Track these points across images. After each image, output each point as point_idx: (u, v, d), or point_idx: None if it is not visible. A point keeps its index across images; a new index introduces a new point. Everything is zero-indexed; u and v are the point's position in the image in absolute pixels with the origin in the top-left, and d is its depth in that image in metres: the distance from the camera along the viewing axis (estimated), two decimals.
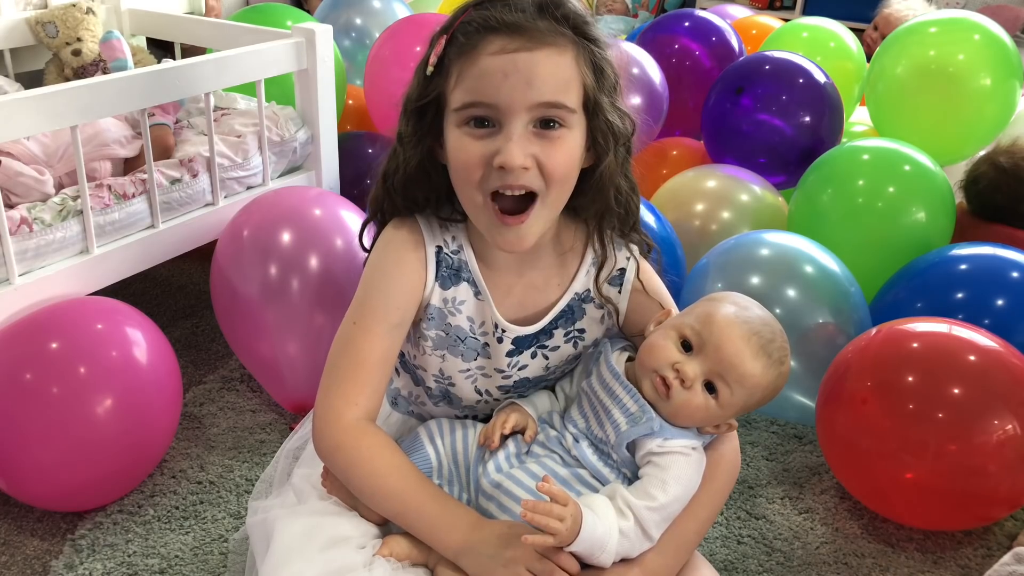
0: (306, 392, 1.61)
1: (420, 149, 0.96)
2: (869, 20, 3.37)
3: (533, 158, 0.89)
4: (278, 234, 1.59)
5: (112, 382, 1.37)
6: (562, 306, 1.03)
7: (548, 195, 0.92)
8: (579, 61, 0.91)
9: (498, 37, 0.88)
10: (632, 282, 1.05)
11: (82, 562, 1.34)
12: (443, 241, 1.01)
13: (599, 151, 0.96)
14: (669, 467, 0.93)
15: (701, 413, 0.94)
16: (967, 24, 2.20)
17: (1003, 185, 2.01)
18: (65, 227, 1.49)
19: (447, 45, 0.92)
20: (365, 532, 0.96)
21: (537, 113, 0.89)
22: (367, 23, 2.55)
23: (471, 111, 0.90)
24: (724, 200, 2.05)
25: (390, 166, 1.00)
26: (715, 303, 0.98)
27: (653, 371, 0.95)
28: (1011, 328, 1.54)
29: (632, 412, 0.95)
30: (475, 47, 0.89)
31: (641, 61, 2.24)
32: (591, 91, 0.92)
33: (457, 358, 1.03)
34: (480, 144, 0.90)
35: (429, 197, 1.00)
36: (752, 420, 1.77)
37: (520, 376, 1.05)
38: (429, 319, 1.01)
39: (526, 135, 0.89)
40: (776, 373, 0.96)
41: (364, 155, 2.18)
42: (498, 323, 1.01)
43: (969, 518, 1.44)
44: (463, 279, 1.01)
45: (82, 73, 2.04)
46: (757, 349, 0.94)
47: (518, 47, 0.87)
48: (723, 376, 0.94)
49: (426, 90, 0.94)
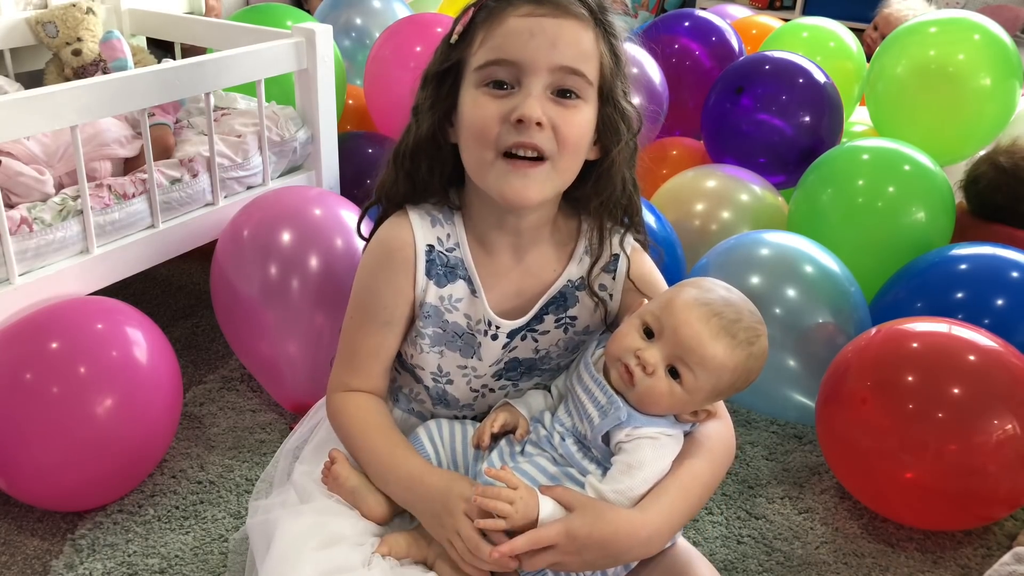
0: (306, 392, 1.61)
1: (433, 116, 0.98)
2: (869, 20, 3.37)
3: (549, 120, 0.91)
4: (278, 234, 1.59)
5: (112, 382, 1.37)
6: (553, 292, 1.05)
7: (559, 161, 0.94)
8: (599, 41, 0.95)
9: (526, 3, 0.92)
10: (625, 272, 1.06)
11: (82, 562, 1.34)
12: (436, 239, 1.02)
13: (608, 141, 0.98)
14: (634, 451, 0.93)
15: (667, 399, 0.94)
16: (967, 24, 2.20)
17: (1003, 185, 2.01)
18: (65, 227, 1.49)
19: (474, 15, 0.95)
20: (364, 531, 0.96)
21: (557, 77, 0.92)
22: (367, 23, 2.55)
23: (492, 69, 0.92)
24: (724, 200, 2.05)
25: (401, 144, 1.03)
26: (679, 288, 0.98)
27: (617, 359, 0.95)
28: (1011, 328, 1.54)
29: (602, 404, 0.95)
30: (503, 11, 0.93)
31: (641, 61, 2.24)
32: (608, 73, 0.96)
33: (455, 353, 1.04)
34: (498, 103, 0.92)
35: (433, 171, 1.02)
36: (752, 420, 1.77)
37: (510, 356, 1.06)
38: (426, 317, 1.02)
39: (544, 97, 0.92)
40: (744, 354, 0.94)
41: (364, 155, 2.18)
42: (491, 320, 1.03)
43: (969, 518, 1.44)
44: (459, 276, 1.02)
45: (82, 73, 2.04)
46: (717, 330, 0.93)
47: (545, 12, 0.92)
48: (683, 359, 0.93)
49: (448, 56, 0.97)
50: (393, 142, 1.06)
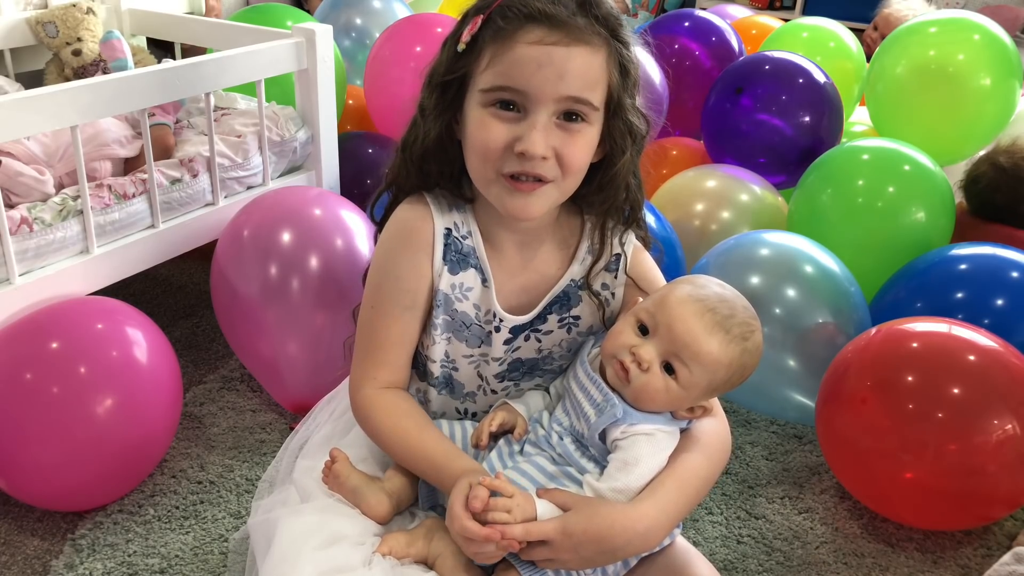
0: (306, 392, 1.61)
1: (440, 122, 0.98)
2: (869, 20, 3.37)
3: (553, 150, 0.92)
4: (278, 234, 1.59)
5: (112, 382, 1.37)
6: (557, 291, 1.05)
7: (562, 183, 0.95)
8: (609, 62, 0.94)
9: (537, 27, 0.90)
10: (627, 271, 1.06)
11: (82, 562, 1.34)
12: (453, 224, 1.02)
13: (614, 149, 0.98)
14: (630, 448, 0.93)
15: (662, 396, 0.94)
16: (967, 24, 2.20)
17: (1003, 185, 2.02)
18: (65, 227, 1.49)
19: (483, 25, 0.93)
20: (365, 530, 0.96)
21: (563, 106, 0.92)
22: (367, 23, 2.55)
23: (499, 94, 0.92)
24: (724, 200, 2.05)
25: (409, 136, 1.02)
26: (672, 285, 0.98)
27: (612, 356, 0.96)
28: (1011, 328, 1.54)
29: (598, 402, 0.96)
30: (513, 33, 0.91)
31: (641, 61, 2.23)
32: (615, 91, 0.96)
33: (462, 343, 1.05)
34: (504, 127, 0.92)
35: (443, 171, 1.02)
36: (752, 420, 1.77)
37: (514, 357, 1.06)
38: (437, 305, 1.02)
39: (549, 125, 0.92)
40: (739, 349, 0.95)
41: (364, 155, 2.18)
42: (496, 312, 1.03)
43: (969, 518, 1.44)
44: (471, 265, 1.03)
45: (82, 73, 2.04)
46: (712, 325, 0.93)
47: (556, 40, 0.90)
48: (678, 355, 0.93)
49: (454, 66, 0.96)
50: (394, 142, 1.06)
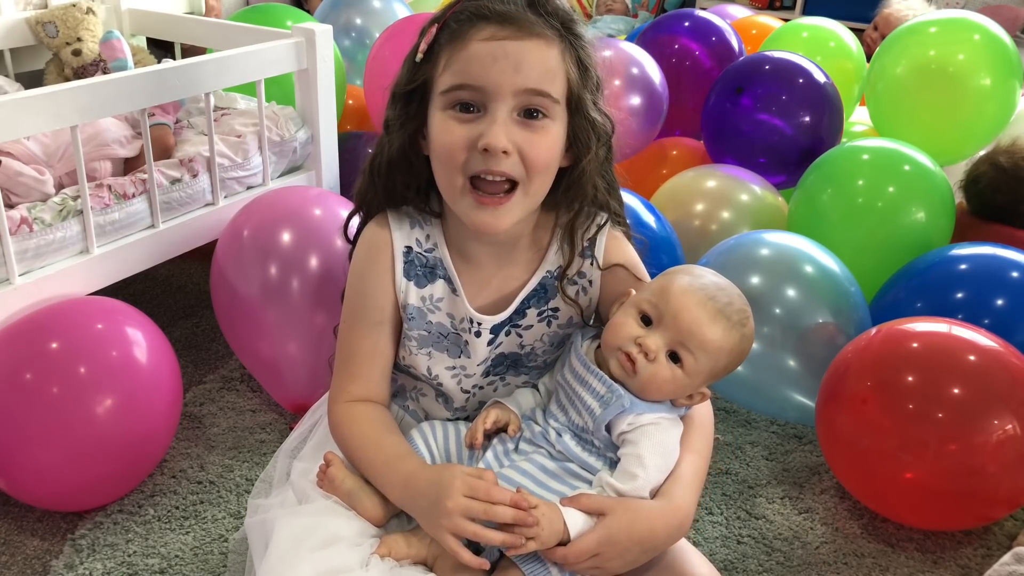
0: (306, 392, 1.61)
1: (404, 134, 0.99)
2: (869, 20, 3.37)
3: (515, 145, 0.92)
4: (278, 234, 1.59)
5: (112, 382, 1.37)
6: (533, 284, 1.05)
7: (529, 185, 0.95)
8: (565, 56, 0.94)
9: (489, 25, 0.91)
10: (602, 258, 1.06)
11: (82, 562, 1.34)
12: (415, 240, 1.03)
13: (579, 149, 0.98)
14: (641, 440, 0.94)
15: (669, 384, 0.96)
16: (967, 24, 2.20)
17: (1003, 185, 2.01)
18: (65, 227, 1.49)
19: (438, 33, 0.94)
20: (363, 531, 0.96)
21: (522, 100, 0.92)
22: (367, 23, 2.55)
23: (457, 94, 0.92)
24: (724, 200, 2.05)
25: (375, 154, 1.03)
26: (669, 275, 0.99)
27: (617, 348, 0.96)
28: (1011, 328, 1.54)
29: (602, 394, 0.96)
30: (466, 33, 0.92)
31: (641, 61, 2.24)
32: (575, 86, 0.95)
33: (443, 353, 1.05)
34: (465, 128, 0.92)
35: (409, 185, 1.03)
36: (752, 420, 1.77)
37: (496, 353, 1.06)
38: (410, 319, 1.04)
39: (510, 121, 0.92)
40: (739, 335, 0.97)
41: (364, 155, 2.18)
42: (472, 318, 1.03)
43: (969, 518, 1.44)
44: (439, 276, 1.04)
45: (82, 73, 2.04)
46: (714, 313, 0.95)
47: (508, 35, 0.91)
48: (685, 344, 0.95)
49: (414, 76, 0.96)
50: None
